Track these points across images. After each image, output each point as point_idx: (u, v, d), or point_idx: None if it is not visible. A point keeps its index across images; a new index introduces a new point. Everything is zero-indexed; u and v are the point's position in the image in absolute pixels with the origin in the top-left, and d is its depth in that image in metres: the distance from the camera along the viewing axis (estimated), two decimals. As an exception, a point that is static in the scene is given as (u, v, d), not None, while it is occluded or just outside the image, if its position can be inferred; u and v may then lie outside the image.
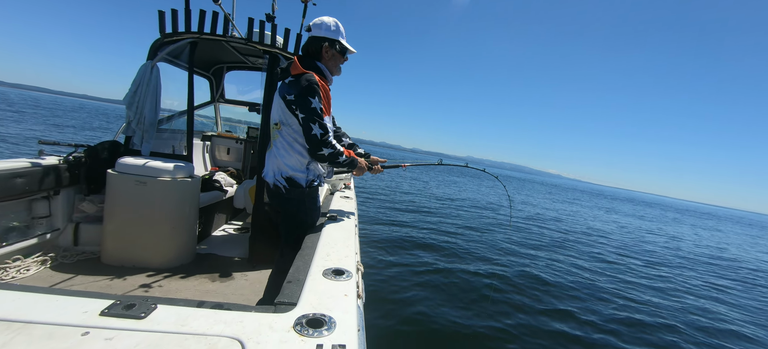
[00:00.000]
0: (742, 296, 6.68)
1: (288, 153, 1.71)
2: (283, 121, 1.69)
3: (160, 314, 0.78)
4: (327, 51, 1.73)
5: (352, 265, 1.20)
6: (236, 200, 3.14)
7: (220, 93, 4.30)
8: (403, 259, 5.48)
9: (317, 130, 1.61)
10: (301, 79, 1.60)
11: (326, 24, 1.71)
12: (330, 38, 1.72)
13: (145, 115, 2.61)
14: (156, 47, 2.68)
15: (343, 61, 1.83)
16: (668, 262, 8.76)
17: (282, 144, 1.72)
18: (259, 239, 2.67)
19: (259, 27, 2.64)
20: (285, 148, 1.71)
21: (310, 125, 1.60)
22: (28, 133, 13.54)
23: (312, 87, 1.58)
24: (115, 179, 2.27)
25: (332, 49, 1.73)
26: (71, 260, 2.32)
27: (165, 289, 2.11)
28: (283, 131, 1.71)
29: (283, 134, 1.71)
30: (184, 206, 2.46)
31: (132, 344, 0.68)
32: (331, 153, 1.67)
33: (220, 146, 4.31)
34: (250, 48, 2.74)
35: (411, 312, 3.63)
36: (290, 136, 1.70)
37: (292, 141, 1.70)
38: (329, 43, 1.72)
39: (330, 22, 1.72)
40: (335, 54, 1.76)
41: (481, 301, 4.17)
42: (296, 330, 0.76)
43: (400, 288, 4.23)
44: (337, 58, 1.79)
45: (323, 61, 1.75)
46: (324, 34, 1.71)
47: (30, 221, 2.33)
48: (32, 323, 0.72)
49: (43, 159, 2.37)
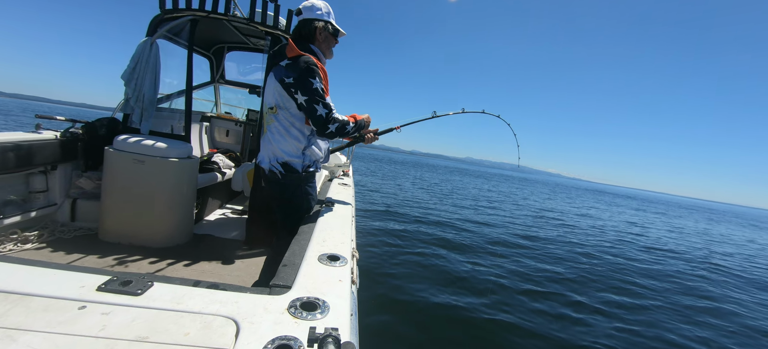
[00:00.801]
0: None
1: (284, 138, 1.69)
2: (279, 105, 1.67)
3: (157, 291, 0.79)
4: (321, 33, 1.72)
5: (347, 251, 1.21)
6: (234, 183, 3.14)
7: (220, 73, 4.25)
8: (402, 246, 5.55)
9: (321, 109, 1.60)
10: (300, 60, 1.58)
11: (317, 6, 1.71)
12: (322, 20, 1.71)
13: (145, 92, 2.58)
14: (155, 23, 2.63)
15: (334, 43, 1.83)
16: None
17: (277, 129, 1.69)
18: (256, 221, 2.68)
19: (262, 7, 2.59)
20: (281, 133, 1.69)
21: (314, 106, 1.59)
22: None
23: (311, 68, 1.57)
24: (113, 156, 2.26)
25: (325, 31, 1.73)
26: (68, 236, 2.33)
27: (162, 268, 2.13)
28: (279, 115, 1.68)
29: (279, 118, 1.69)
30: (182, 187, 2.46)
31: (128, 320, 0.69)
32: (339, 126, 1.66)
33: (220, 128, 4.28)
34: (252, 29, 2.69)
35: (404, 297, 3.71)
36: (287, 120, 1.68)
37: (288, 126, 1.68)
38: (323, 24, 1.71)
39: (320, 4, 1.72)
40: (328, 36, 1.76)
41: (488, 293, 4.23)
42: (290, 312, 0.77)
43: (395, 274, 4.31)
44: (330, 40, 1.79)
45: (316, 44, 1.74)
46: (316, 16, 1.70)
47: (27, 195, 2.33)
48: (30, 295, 0.73)
49: (40, 133, 2.36)
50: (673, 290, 5.56)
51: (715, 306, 5.09)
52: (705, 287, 6.05)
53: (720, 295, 5.67)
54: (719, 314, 4.81)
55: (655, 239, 11.02)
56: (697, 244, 11.42)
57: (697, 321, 4.40)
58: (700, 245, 11.13)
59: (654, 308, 4.60)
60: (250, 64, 4.44)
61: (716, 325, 4.39)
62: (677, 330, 4.01)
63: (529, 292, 4.47)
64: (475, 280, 4.59)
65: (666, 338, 3.76)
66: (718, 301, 5.34)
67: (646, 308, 4.58)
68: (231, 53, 4.21)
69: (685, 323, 4.29)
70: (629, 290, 5.19)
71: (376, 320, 3.22)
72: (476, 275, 4.78)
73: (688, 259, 8.36)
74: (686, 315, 4.55)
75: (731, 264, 8.52)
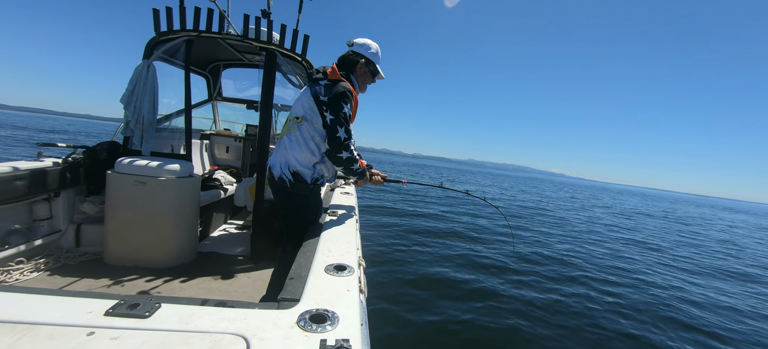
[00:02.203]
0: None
1: (300, 148, 1.75)
2: (306, 118, 1.75)
3: (164, 312, 0.79)
4: (361, 67, 1.88)
5: (353, 260, 1.20)
6: (236, 198, 3.14)
7: (217, 91, 4.28)
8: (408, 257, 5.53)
9: (342, 133, 1.69)
10: (338, 84, 1.71)
11: (368, 45, 1.88)
12: (367, 57, 1.87)
13: (144, 114, 2.61)
14: (151, 46, 2.66)
15: (371, 81, 1.98)
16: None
17: (297, 138, 1.76)
18: (261, 236, 2.68)
19: (255, 24, 2.62)
20: (299, 143, 1.75)
21: (337, 127, 1.68)
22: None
23: (347, 94, 1.70)
24: (115, 179, 2.27)
25: (366, 67, 1.88)
26: (74, 261, 2.33)
27: (168, 288, 2.12)
28: (303, 126, 1.76)
29: (301, 129, 1.76)
30: (185, 205, 2.46)
31: (137, 343, 0.68)
32: (349, 157, 1.74)
33: (219, 145, 4.30)
34: (247, 45, 2.72)
35: (415, 310, 3.68)
36: (308, 133, 1.75)
37: (308, 138, 1.75)
38: (365, 61, 1.87)
39: (371, 45, 1.89)
40: (367, 73, 1.91)
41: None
42: (300, 326, 0.76)
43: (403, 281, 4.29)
44: (368, 78, 1.94)
45: (355, 75, 1.89)
46: (363, 53, 1.86)
47: (31, 224, 2.33)
48: (37, 325, 0.72)
49: (42, 161, 2.37)
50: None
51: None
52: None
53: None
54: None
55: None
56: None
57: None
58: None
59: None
60: (247, 79, 4.48)
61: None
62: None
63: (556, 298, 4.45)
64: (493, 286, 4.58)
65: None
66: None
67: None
68: (227, 70, 4.25)
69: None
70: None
71: (385, 325, 3.19)
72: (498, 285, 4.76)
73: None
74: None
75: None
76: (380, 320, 3.28)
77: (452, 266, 5.06)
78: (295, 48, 2.75)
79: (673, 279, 5.91)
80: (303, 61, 2.87)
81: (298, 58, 2.82)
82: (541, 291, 4.47)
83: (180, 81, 2.75)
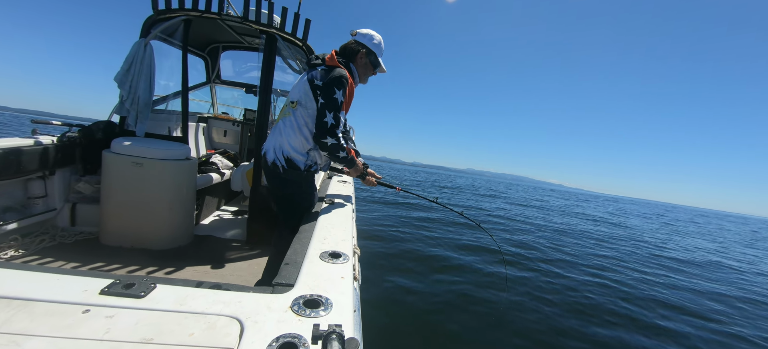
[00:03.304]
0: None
1: (294, 133, 1.74)
2: (301, 102, 1.73)
3: (160, 293, 0.80)
4: (362, 57, 1.86)
5: (348, 248, 1.21)
6: (233, 183, 3.13)
7: (215, 73, 4.22)
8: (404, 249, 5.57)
9: (330, 119, 1.66)
10: (335, 70, 1.69)
11: (371, 36, 1.85)
12: (368, 48, 1.85)
13: (139, 95, 2.57)
14: (149, 24, 2.61)
15: (372, 73, 1.96)
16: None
17: (291, 123, 1.75)
18: (257, 221, 2.68)
19: (256, 5, 2.57)
20: (293, 128, 1.74)
21: (325, 112, 1.65)
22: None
23: (341, 80, 1.66)
24: (111, 159, 2.26)
25: (367, 57, 1.86)
26: (69, 241, 2.33)
27: (163, 270, 2.14)
28: (297, 111, 1.74)
29: (296, 114, 1.74)
30: (181, 188, 2.45)
31: (132, 322, 0.69)
32: (334, 144, 1.70)
33: (217, 128, 4.27)
34: (247, 27, 2.67)
35: (406, 296, 3.72)
36: (302, 119, 1.73)
37: (302, 124, 1.74)
38: (366, 51, 1.85)
39: (375, 36, 1.86)
40: (368, 64, 1.89)
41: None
42: (293, 310, 0.77)
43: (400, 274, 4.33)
44: (368, 68, 1.92)
45: (356, 65, 1.86)
46: (366, 43, 1.84)
47: (26, 201, 2.32)
48: (33, 301, 0.73)
49: (36, 138, 2.34)
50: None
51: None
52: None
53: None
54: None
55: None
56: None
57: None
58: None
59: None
60: (246, 63, 4.42)
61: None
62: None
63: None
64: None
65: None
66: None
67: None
68: (226, 53, 4.18)
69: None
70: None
71: (379, 314, 3.24)
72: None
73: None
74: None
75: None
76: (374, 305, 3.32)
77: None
78: (296, 32, 2.71)
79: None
80: (303, 46, 2.82)
81: (299, 42, 2.78)
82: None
83: (177, 62, 2.71)
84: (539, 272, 5.11)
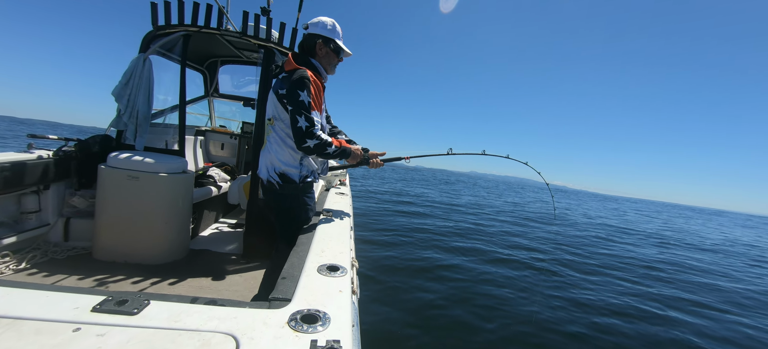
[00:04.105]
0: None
1: (281, 148, 1.72)
2: (275, 117, 1.72)
3: (153, 310, 0.78)
4: (321, 48, 1.77)
5: (346, 261, 1.20)
6: (230, 196, 3.11)
7: (214, 87, 4.25)
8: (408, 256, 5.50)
9: (303, 122, 1.60)
10: (294, 73, 1.63)
11: (322, 23, 1.76)
12: (324, 36, 1.75)
13: (139, 108, 2.57)
14: (148, 40, 2.64)
15: (337, 60, 1.87)
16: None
17: (275, 139, 1.74)
18: (254, 234, 2.66)
19: (254, 21, 2.61)
20: (278, 144, 1.73)
21: (296, 117, 1.60)
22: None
23: (302, 80, 1.60)
24: (107, 173, 2.24)
25: (326, 46, 1.77)
26: (62, 256, 2.29)
27: (158, 285, 2.10)
28: (276, 126, 1.73)
29: (276, 130, 1.73)
30: (177, 202, 2.43)
31: (124, 340, 0.67)
32: (317, 144, 1.63)
33: (214, 141, 4.27)
34: (245, 42, 2.71)
35: (411, 307, 3.66)
36: (283, 131, 1.72)
37: (284, 136, 1.72)
38: (323, 40, 1.76)
39: (326, 21, 1.76)
40: (329, 52, 1.79)
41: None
42: (291, 326, 0.76)
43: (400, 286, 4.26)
44: (331, 57, 1.82)
45: (317, 59, 1.79)
46: (319, 32, 1.75)
47: (19, 216, 2.29)
48: (22, 319, 0.71)
49: (32, 153, 2.33)
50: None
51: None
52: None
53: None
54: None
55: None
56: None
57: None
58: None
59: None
60: (244, 77, 4.46)
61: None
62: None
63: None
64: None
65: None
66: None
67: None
68: (224, 67, 4.22)
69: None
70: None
71: (379, 327, 3.18)
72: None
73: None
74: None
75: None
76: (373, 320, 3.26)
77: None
78: (294, 46, 2.75)
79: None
80: None
81: None
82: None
83: (176, 76, 2.73)
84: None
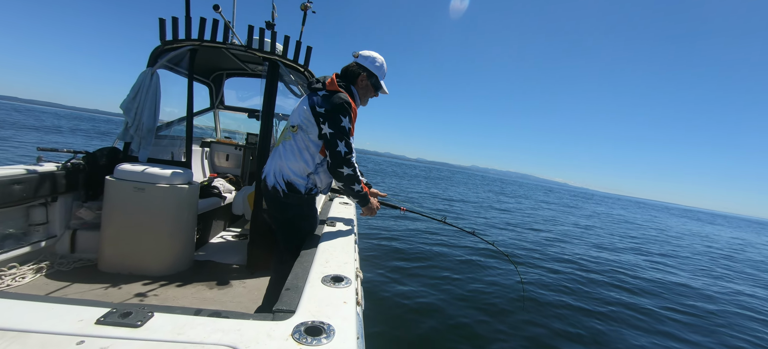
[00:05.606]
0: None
1: (295, 157, 1.72)
2: (302, 127, 1.72)
3: (157, 322, 0.78)
4: (363, 80, 1.84)
5: (351, 271, 1.19)
6: (235, 207, 3.13)
7: (219, 99, 4.32)
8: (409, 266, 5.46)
9: (343, 147, 1.66)
10: (335, 96, 1.67)
11: (373, 58, 1.84)
12: (370, 70, 1.84)
13: (143, 121, 2.62)
14: (156, 54, 2.69)
15: (373, 95, 1.95)
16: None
17: (292, 147, 1.74)
18: (258, 245, 2.65)
19: (259, 34, 2.66)
20: (294, 152, 1.73)
21: (337, 141, 1.65)
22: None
23: (345, 106, 1.66)
24: (114, 185, 2.26)
25: (368, 80, 1.85)
26: (68, 268, 2.30)
27: (162, 297, 2.09)
28: (298, 135, 1.73)
29: (296, 138, 1.73)
30: (183, 213, 2.45)
31: None
32: (350, 175, 1.70)
33: (220, 153, 4.31)
34: (250, 55, 2.76)
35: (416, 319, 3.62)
36: (303, 142, 1.72)
37: (303, 148, 1.72)
38: (368, 74, 1.83)
39: (377, 58, 1.85)
40: (369, 86, 1.88)
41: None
42: (295, 338, 0.75)
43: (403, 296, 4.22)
44: (369, 91, 1.91)
45: (357, 88, 1.86)
46: (367, 66, 1.83)
47: (27, 228, 2.31)
48: (27, 332, 0.71)
49: (41, 165, 2.37)
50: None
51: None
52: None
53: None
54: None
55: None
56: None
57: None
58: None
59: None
60: (249, 89, 4.53)
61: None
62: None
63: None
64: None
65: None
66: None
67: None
68: (230, 79, 4.29)
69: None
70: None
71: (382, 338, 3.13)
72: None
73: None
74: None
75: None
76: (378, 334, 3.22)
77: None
78: (298, 59, 2.79)
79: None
80: (305, 71, 2.90)
81: (301, 68, 2.85)
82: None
83: (183, 89, 2.77)
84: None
